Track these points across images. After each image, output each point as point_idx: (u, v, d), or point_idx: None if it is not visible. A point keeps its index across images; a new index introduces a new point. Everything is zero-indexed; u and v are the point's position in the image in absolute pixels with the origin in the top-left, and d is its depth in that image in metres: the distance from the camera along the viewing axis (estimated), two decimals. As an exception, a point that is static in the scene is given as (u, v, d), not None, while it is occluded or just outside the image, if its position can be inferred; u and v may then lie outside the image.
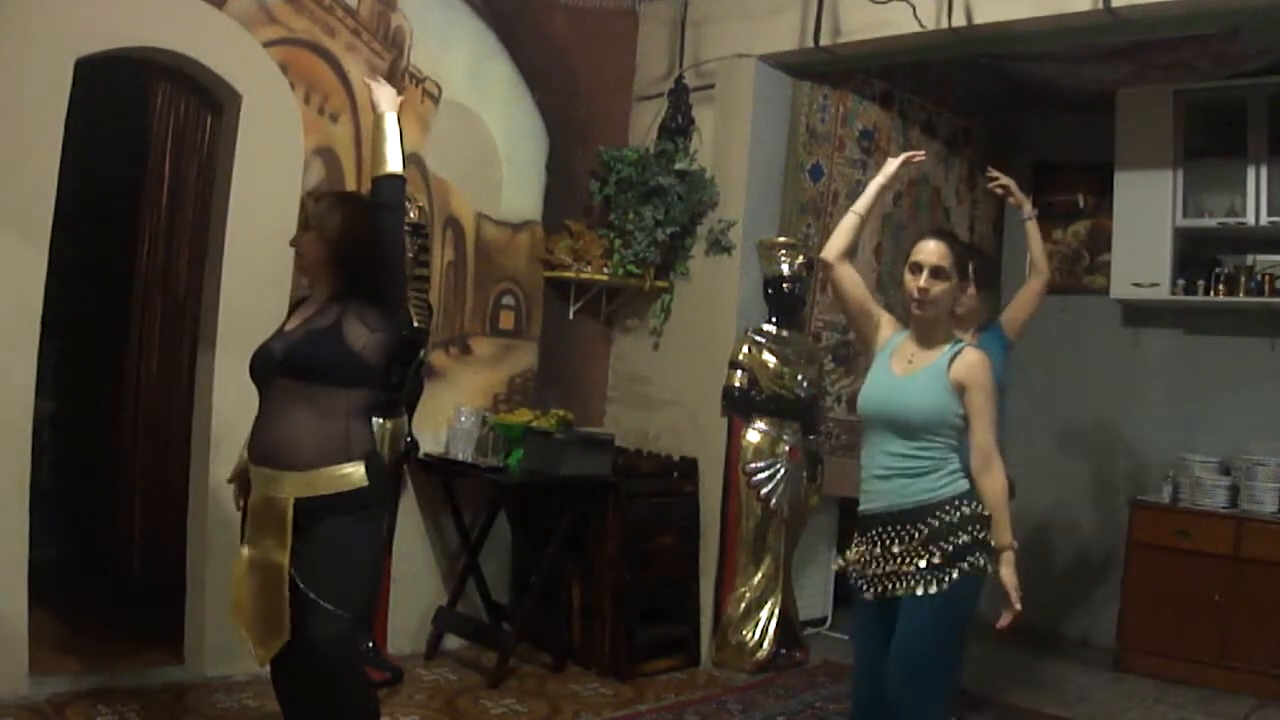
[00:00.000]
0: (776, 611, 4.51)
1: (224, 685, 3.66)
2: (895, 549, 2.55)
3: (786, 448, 4.55)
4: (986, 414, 2.56)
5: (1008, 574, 2.51)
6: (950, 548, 2.49)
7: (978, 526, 2.52)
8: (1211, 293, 4.95)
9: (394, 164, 2.54)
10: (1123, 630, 4.83)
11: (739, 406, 4.56)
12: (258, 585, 2.52)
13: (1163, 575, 4.71)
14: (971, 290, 3.23)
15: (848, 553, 2.73)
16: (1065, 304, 5.39)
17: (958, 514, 2.52)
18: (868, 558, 2.62)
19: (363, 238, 2.56)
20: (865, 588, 2.63)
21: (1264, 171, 4.76)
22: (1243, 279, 4.90)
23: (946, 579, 2.47)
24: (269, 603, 2.51)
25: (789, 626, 4.58)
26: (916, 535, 2.52)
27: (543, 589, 4.21)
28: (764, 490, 4.50)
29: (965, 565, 2.48)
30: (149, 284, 4.18)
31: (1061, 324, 5.33)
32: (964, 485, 2.56)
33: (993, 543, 2.52)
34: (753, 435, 4.54)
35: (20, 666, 3.31)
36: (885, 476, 2.59)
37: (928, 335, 2.67)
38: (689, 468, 4.65)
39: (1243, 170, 4.81)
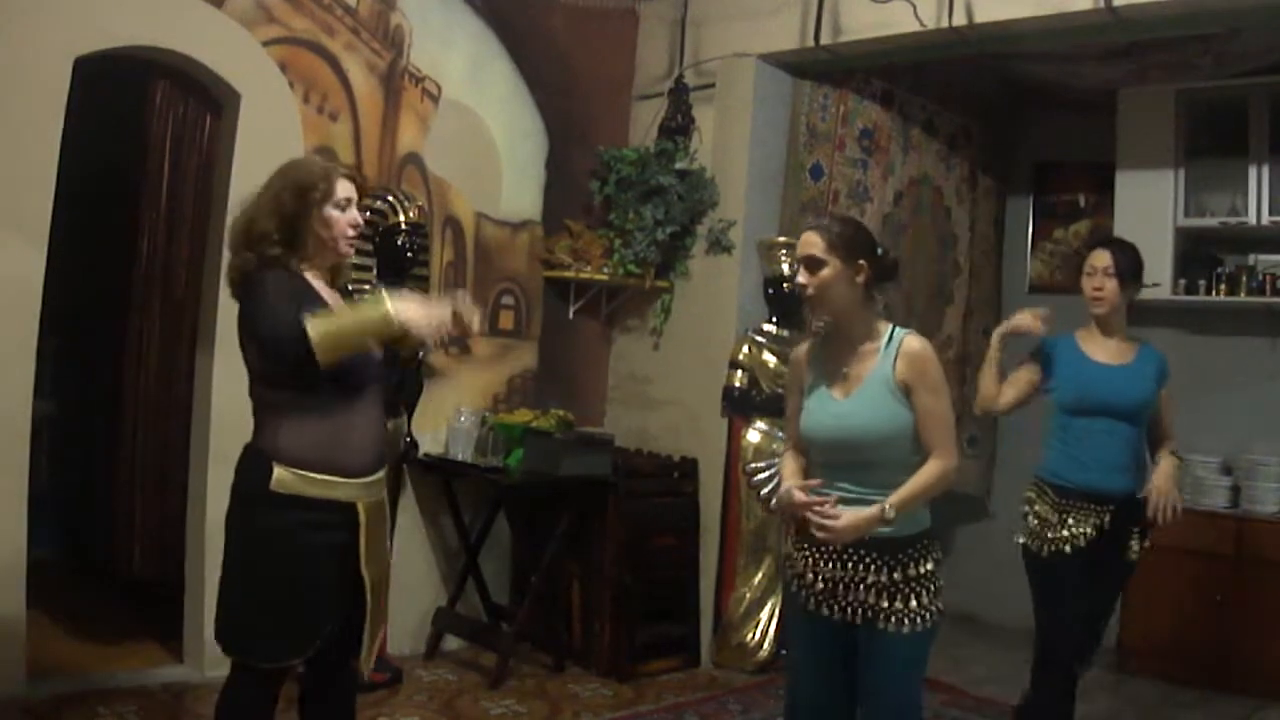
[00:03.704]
0: (777, 612, 4.49)
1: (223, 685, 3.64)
2: (868, 578, 2.33)
3: (786, 448, 4.54)
4: (941, 420, 2.28)
5: (851, 517, 2.24)
6: (925, 595, 2.34)
7: (939, 569, 2.40)
8: (1213, 293, 4.93)
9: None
10: (1123, 630, 4.81)
11: (739, 406, 4.55)
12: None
13: (1163, 575, 4.68)
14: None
15: (792, 556, 2.48)
16: (1065, 304, 5.36)
17: (930, 559, 2.35)
18: (829, 579, 2.38)
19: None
20: (827, 608, 2.39)
21: (1265, 171, 4.74)
22: (1244, 279, 4.88)
23: (929, 619, 2.34)
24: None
25: (789, 627, 4.58)
26: (887, 570, 2.33)
27: (542, 589, 4.21)
28: (764, 490, 4.48)
29: (938, 607, 2.36)
30: (148, 283, 4.16)
31: (1061, 324, 5.30)
32: (927, 521, 2.39)
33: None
34: (753, 435, 4.53)
35: (19, 667, 3.30)
36: (846, 502, 2.32)
37: (845, 335, 2.40)
38: (689, 468, 4.64)
39: (1244, 170, 4.79)
